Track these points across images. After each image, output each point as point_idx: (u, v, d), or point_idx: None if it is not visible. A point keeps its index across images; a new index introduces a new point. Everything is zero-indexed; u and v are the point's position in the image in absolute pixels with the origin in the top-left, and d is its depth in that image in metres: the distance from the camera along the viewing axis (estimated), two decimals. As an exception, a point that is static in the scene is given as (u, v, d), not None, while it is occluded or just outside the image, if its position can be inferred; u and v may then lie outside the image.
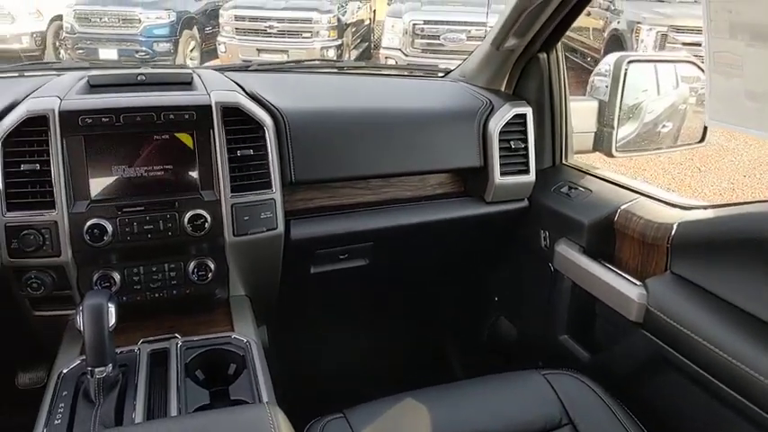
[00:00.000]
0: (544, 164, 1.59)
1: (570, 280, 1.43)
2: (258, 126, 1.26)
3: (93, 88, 1.27)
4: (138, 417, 0.96)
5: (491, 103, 1.51)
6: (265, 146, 1.26)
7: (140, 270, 1.23)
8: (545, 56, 1.53)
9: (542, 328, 1.55)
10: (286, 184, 1.31)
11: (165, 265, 1.24)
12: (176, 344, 1.13)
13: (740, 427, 1.01)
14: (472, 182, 1.55)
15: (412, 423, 1.12)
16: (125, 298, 1.20)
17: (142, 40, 7.81)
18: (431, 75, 1.85)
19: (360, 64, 5.51)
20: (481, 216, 1.52)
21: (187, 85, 1.33)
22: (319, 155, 1.35)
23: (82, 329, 0.95)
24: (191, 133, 1.22)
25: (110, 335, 0.96)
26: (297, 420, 0.89)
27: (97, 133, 1.16)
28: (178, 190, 1.21)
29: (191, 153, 1.22)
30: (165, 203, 1.19)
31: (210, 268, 1.26)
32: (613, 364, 1.33)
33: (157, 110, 1.18)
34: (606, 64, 1.59)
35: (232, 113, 1.23)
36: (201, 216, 1.20)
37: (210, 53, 8.64)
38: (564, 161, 1.61)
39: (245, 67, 1.77)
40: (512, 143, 1.48)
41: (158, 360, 1.09)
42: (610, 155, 1.58)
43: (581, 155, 1.66)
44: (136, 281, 1.23)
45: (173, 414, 0.97)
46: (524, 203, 1.56)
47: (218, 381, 1.09)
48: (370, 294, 1.88)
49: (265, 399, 1.02)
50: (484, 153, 1.48)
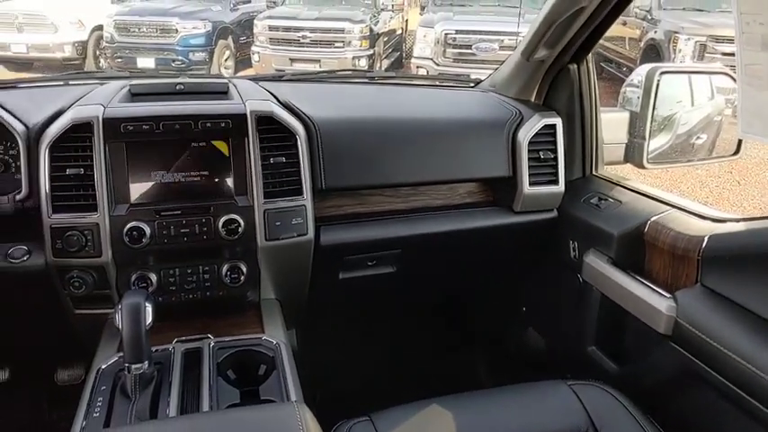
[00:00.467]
0: (574, 175, 1.59)
1: (599, 291, 1.42)
2: (291, 134, 1.29)
3: (135, 97, 1.33)
4: (172, 412, 0.99)
5: (520, 113, 1.52)
6: (297, 154, 1.29)
7: (176, 272, 1.27)
8: (575, 67, 1.53)
9: (570, 338, 1.54)
10: (317, 190, 1.34)
11: (200, 268, 1.28)
12: (209, 344, 1.16)
13: None
14: (501, 192, 1.56)
15: (438, 429, 1.13)
16: (161, 298, 1.25)
17: (178, 49, 8.02)
18: (461, 85, 1.86)
19: (391, 74, 5.56)
20: (509, 226, 1.52)
21: (223, 94, 1.38)
22: (349, 163, 1.38)
23: (120, 327, 0.99)
24: (226, 141, 1.26)
25: (146, 333, 1.00)
26: (323, 422, 0.91)
27: (138, 140, 1.21)
28: (213, 195, 1.26)
29: (226, 160, 1.26)
30: (201, 208, 1.23)
31: (243, 271, 1.29)
32: (641, 376, 1.32)
33: (195, 118, 1.22)
34: (638, 75, 1.58)
35: (266, 122, 1.27)
36: (235, 221, 1.24)
37: (244, 62, 8.82)
38: (594, 172, 1.60)
39: (278, 77, 1.82)
40: (541, 153, 1.49)
41: (192, 359, 1.13)
42: (641, 166, 1.57)
43: (611, 166, 1.65)
44: (171, 282, 1.27)
45: (205, 410, 1.00)
46: (553, 214, 1.56)
47: (248, 381, 1.12)
48: (398, 301, 1.89)
49: (294, 399, 1.04)
50: (513, 163, 1.49)
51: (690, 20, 7.17)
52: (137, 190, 1.22)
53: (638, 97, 1.57)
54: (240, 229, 1.24)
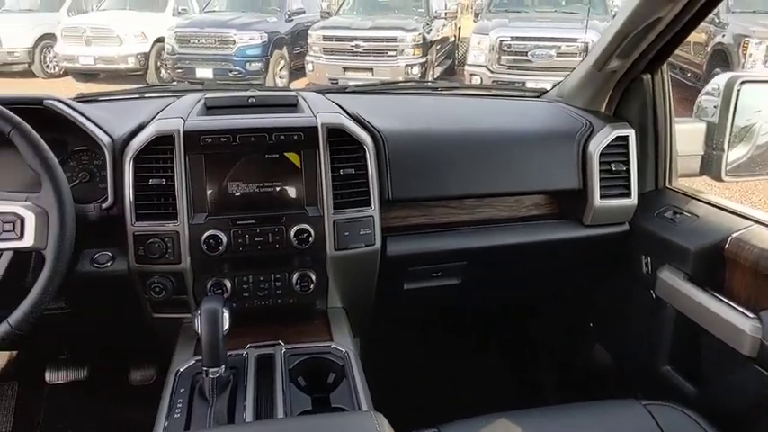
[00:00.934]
0: (646, 187, 1.54)
1: (674, 308, 1.37)
2: (360, 146, 1.31)
3: (210, 110, 1.38)
4: (249, 416, 1.02)
5: (590, 124, 1.49)
6: (366, 165, 1.31)
7: (249, 279, 1.31)
8: (649, 77, 1.49)
9: (642, 357, 1.49)
10: (383, 201, 1.35)
11: (272, 275, 1.31)
12: (281, 350, 1.18)
13: None
14: (569, 204, 1.53)
15: None
16: (234, 305, 1.28)
17: (236, 60, 8.25)
18: (526, 95, 1.84)
19: (454, 85, 5.51)
20: (578, 239, 1.49)
21: (293, 107, 1.41)
22: (416, 174, 1.39)
23: (199, 332, 1.02)
24: (298, 153, 1.29)
25: (224, 338, 1.03)
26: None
27: (216, 152, 1.25)
28: (285, 206, 1.29)
29: (297, 171, 1.30)
30: (274, 218, 1.27)
31: (312, 280, 1.32)
32: (722, 399, 1.26)
33: (269, 131, 1.26)
34: (715, 84, 1.52)
35: (336, 134, 1.30)
36: (306, 230, 1.26)
37: (298, 72, 9.00)
38: (667, 185, 1.55)
39: (343, 89, 1.85)
40: (612, 165, 1.45)
41: (264, 364, 1.16)
42: (719, 179, 1.50)
43: (684, 178, 1.60)
44: (245, 289, 1.31)
45: (279, 416, 1.02)
46: (625, 227, 1.52)
47: (317, 388, 1.14)
48: (462, 313, 1.88)
49: (365, 407, 1.05)
50: (583, 175, 1.46)
51: (761, 23, 6.79)
52: (213, 200, 1.27)
53: (715, 107, 1.51)
54: (311, 239, 1.26)
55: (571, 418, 1.20)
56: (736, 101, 1.45)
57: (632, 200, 1.48)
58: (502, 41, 6.66)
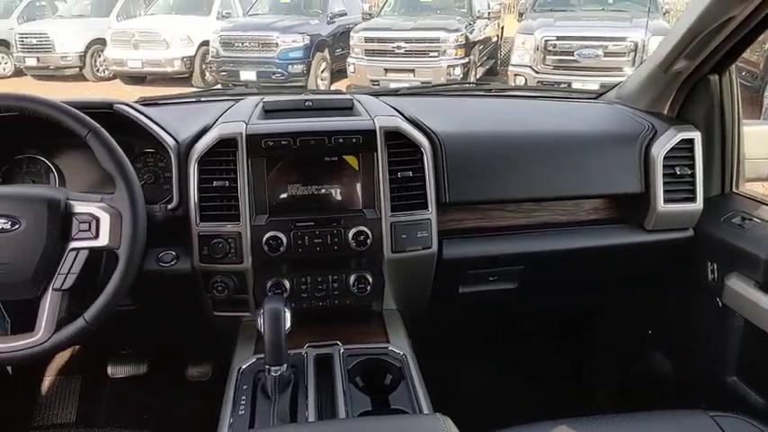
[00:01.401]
0: (711, 192, 1.49)
1: (742, 317, 1.32)
2: (417, 149, 1.31)
3: (268, 113, 1.41)
4: (311, 416, 1.03)
5: (653, 126, 1.45)
6: (423, 168, 1.31)
7: (307, 280, 1.33)
8: (716, 78, 1.44)
9: (706, 366, 1.44)
10: (440, 204, 1.35)
11: (329, 277, 1.33)
12: (339, 350, 1.19)
13: None
14: (630, 208, 1.49)
15: None
16: (293, 305, 1.29)
17: (278, 62, 8.34)
18: (582, 97, 1.81)
19: (508, 86, 5.44)
20: (640, 245, 1.45)
21: (348, 110, 1.42)
22: (473, 177, 1.38)
23: (262, 330, 1.04)
24: (356, 155, 1.30)
25: (285, 337, 1.04)
26: None
27: (276, 154, 1.28)
28: (343, 208, 1.30)
29: (355, 174, 1.31)
30: (332, 220, 1.28)
31: (369, 282, 1.33)
32: None
33: (329, 134, 1.27)
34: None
35: (394, 137, 1.30)
36: (364, 233, 1.27)
37: (339, 74, 9.07)
38: (734, 189, 1.49)
39: (394, 92, 1.85)
40: (677, 169, 1.41)
41: (323, 364, 1.17)
42: (790, 183, 1.44)
43: (751, 183, 1.54)
44: (303, 289, 1.33)
45: (341, 416, 1.03)
46: (689, 233, 1.47)
47: (374, 389, 1.14)
48: (517, 318, 1.86)
49: (425, 410, 1.05)
50: (645, 179, 1.42)
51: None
52: (274, 201, 1.29)
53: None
54: (368, 241, 1.27)
55: (636, 427, 1.17)
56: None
57: (697, 204, 1.43)
58: (547, 41, 6.54)
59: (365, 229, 1.27)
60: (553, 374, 2.02)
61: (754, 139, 1.49)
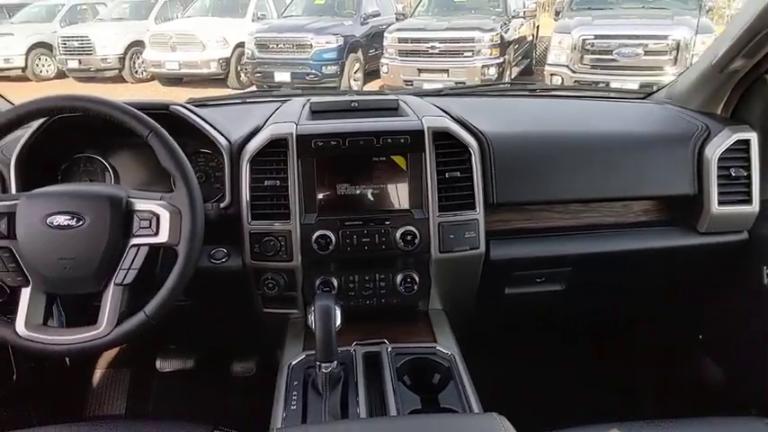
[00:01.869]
0: (767, 194, 1.45)
1: None
2: (465, 149, 1.31)
3: (315, 114, 1.43)
4: (362, 412, 1.04)
5: (707, 127, 1.42)
6: (471, 168, 1.31)
7: (355, 278, 1.34)
8: (774, 76, 1.40)
9: (760, 373, 1.40)
10: (488, 205, 1.35)
11: (376, 276, 1.34)
12: (386, 349, 1.20)
13: None
14: (681, 210, 1.46)
15: None
16: (341, 302, 1.31)
17: (312, 63, 8.41)
18: (631, 97, 1.78)
19: (554, 86, 5.35)
20: (692, 247, 1.42)
21: (394, 110, 1.43)
22: (520, 178, 1.37)
23: (313, 327, 1.05)
24: (404, 155, 1.31)
25: (336, 334, 1.05)
26: None
27: (326, 155, 1.29)
28: (391, 208, 1.31)
29: (403, 174, 1.31)
30: (380, 219, 1.29)
31: (416, 281, 1.33)
32: None
33: (377, 134, 1.29)
34: None
35: (442, 137, 1.30)
36: (412, 232, 1.28)
37: (373, 74, 9.09)
38: None
39: (438, 92, 1.86)
40: (732, 171, 1.38)
41: (371, 362, 1.18)
42: None
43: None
44: (351, 288, 1.34)
45: (392, 414, 1.03)
46: (744, 236, 1.43)
47: (422, 388, 1.14)
48: (563, 319, 1.84)
49: (475, 410, 1.05)
50: (699, 180, 1.39)
51: None
52: (323, 201, 1.31)
53: None
54: (416, 241, 1.28)
55: None
56: None
57: (753, 207, 1.40)
58: (585, 40, 6.42)
59: (413, 228, 1.28)
60: (599, 377, 1.99)
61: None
